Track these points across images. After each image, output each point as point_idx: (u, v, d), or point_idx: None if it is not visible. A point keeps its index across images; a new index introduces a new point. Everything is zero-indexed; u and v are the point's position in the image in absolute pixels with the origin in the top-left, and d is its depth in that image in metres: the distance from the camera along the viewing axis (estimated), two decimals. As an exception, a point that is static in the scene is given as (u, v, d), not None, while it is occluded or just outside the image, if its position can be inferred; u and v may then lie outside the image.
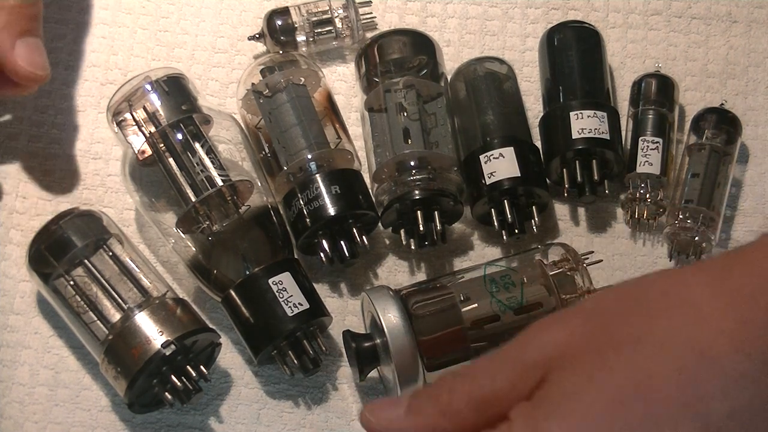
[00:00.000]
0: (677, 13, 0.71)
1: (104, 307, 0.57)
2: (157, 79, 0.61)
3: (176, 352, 0.56)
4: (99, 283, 0.58)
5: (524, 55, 0.70)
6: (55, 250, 0.58)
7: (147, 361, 0.55)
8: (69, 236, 0.58)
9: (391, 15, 0.71)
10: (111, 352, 0.56)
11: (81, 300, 0.58)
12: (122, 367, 0.56)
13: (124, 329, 0.56)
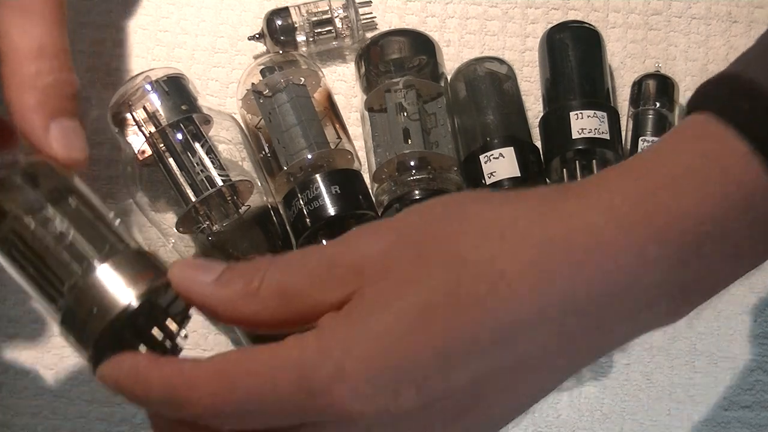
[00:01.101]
0: (677, 13, 0.71)
1: (60, 262, 0.46)
2: (157, 79, 0.61)
3: (145, 308, 0.45)
4: (53, 234, 0.47)
5: (524, 55, 0.70)
6: (6, 196, 0.48)
7: (112, 319, 0.44)
8: (22, 183, 0.48)
9: (391, 15, 0.71)
10: (70, 314, 0.46)
11: (32, 255, 0.47)
12: (83, 331, 0.46)
13: (85, 285, 0.45)
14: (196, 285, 0.42)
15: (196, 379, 0.40)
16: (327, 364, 0.39)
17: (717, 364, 0.63)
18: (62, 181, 0.47)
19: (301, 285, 0.41)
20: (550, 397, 0.62)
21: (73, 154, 0.47)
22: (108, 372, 0.43)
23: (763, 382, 0.63)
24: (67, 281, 0.44)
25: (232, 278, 0.42)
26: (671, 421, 0.62)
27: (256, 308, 0.41)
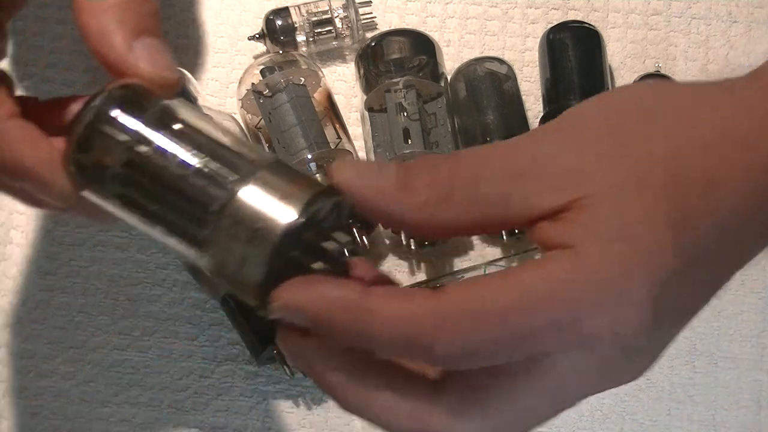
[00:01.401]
0: (677, 13, 0.71)
1: (195, 191, 0.38)
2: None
3: (310, 223, 0.37)
4: (176, 160, 0.39)
5: (524, 55, 0.70)
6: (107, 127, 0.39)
7: (279, 241, 0.36)
8: (122, 110, 0.39)
9: (391, 15, 0.71)
10: (221, 249, 0.37)
11: (156, 189, 0.38)
12: (244, 264, 0.37)
13: (233, 211, 0.37)
14: (377, 192, 0.36)
15: (443, 316, 0.35)
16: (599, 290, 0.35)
17: (717, 364, 0.63)
18: (165, 102, 0.40)
19: (501, 188, 0.36)
20: (550, 397, 0.62)
21: (164, 73, 0.41)
22: (309, 304, 0.36)
23: (763, 382, 0.63)
24: (207, 212, 0.37)
25: (417, 183, 0.36)
26: (671, 421, 0.62)
27: (450, 215, 0.36)
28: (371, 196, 0.36)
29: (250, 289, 0.36)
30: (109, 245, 0.65)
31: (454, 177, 0.36)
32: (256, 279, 0.36)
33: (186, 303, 0.64)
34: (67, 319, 0.64)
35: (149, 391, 0.62)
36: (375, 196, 0.36)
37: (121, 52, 0.40)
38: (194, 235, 0.37)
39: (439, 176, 0.36)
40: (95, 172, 0.39)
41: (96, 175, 0.39)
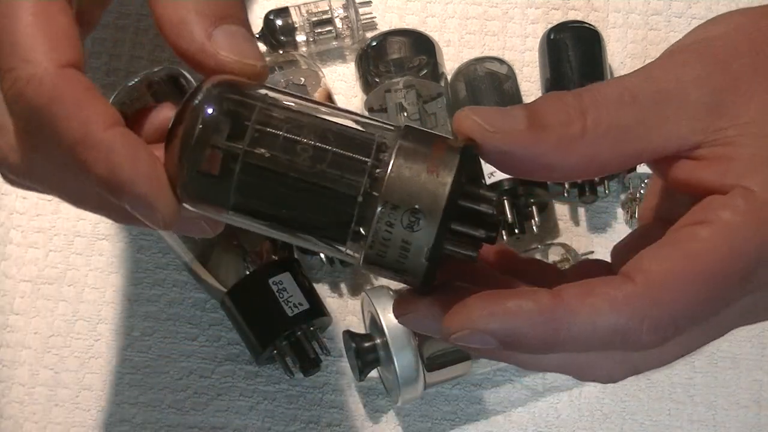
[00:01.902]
0: (677, 13, 0.71)
1: (333, 184, 0.34)
2: (158, 78, 0.61)
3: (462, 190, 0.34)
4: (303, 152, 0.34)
5: (524, 55, 0.70)
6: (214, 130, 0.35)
7: (443, 215, 0.33)
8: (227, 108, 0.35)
9: (391, 15, 0.71)
10: (377, 234, 0.33)
11: (288, 191, 0.34)
12: (408, 246, 0.33)
13: (383, 196, 0.33)
14: (509, 137, 0.34)
15: (646, 305, 0.32)
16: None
17: (717, 364, 0.63)
18: (268, 93, 0.36)
19: (637, 115, 0.34)
20: (550, 397, 0.62)
21: (248, 61, 0.36)
22: (501, 328, 0.32)
23: (763, 382, 0.63)
24: (353, 204, 0.33)
25: (549, 120, 0.34)
26: (671, 421, 0.62)
27: (586, 151, 0.34)
28: (504, 142, 0.33)
29: (417, 275, 0.33)
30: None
31: (586, 109, 0.34)
32: (423, 263, 0.33)
33: (186, 303, 0.64)
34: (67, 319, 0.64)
35: (149, 391, 0.62)
36: (508, 142, 0.33)
37: (200, 41, 0.36)
38: (341, 233, 0.34)
39: (570, 110, 0.34)
40: (206, 183, 0.34)
41: (208, 186, 0.35)
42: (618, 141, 0.34)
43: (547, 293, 0.33)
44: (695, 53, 0.35)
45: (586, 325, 0.32)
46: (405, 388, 0.57)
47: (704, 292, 0.33)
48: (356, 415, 0.62)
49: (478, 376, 0.62)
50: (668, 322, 0.33)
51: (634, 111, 0.34)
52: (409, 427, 0.62)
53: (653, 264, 0.33)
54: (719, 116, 0.34)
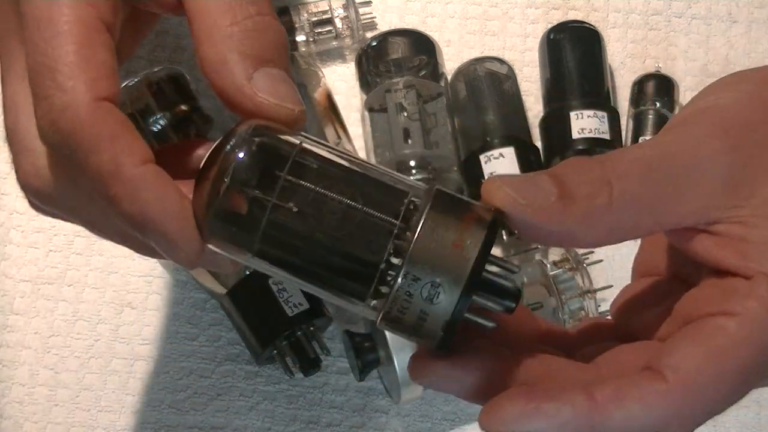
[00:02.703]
0: (677, 13, 0.71)
1: (358, 245, 0.34)
2: (158, 78, 0.61)
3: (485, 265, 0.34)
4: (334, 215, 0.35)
5: (524, 55, 0.70)
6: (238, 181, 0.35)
7: (463, 293, 0.33)
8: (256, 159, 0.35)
9: (391, 15, 0.71)
10: (396, 300, 0.34)
11: (313, 247, 0.35)
12: (424, 316, 0.34)
13: (406, 264, 0.33)
14: (538, 210, 0.34)
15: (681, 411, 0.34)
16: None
17: (717, 364, 0.63)
18: (303, 143, 0.35)
19: (657, 195, 0.34)
20: (550, 397, 0.62)
21: (287, 104, 0.36)
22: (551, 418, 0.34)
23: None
24: (376, 267, 0.34)
25: (576, 192, 0.34)
26: (671, 421, 0.62)
27: (609, 223, 0.34)
28: (535, 216, 0.34)
29: (433, 341, 0.34)
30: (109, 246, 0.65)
31: (610, 181, 0.34)
32: (440, 333, 0.34)
33: (186, 303, 0.64)
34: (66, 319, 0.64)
35: (149, 391, 0.62)
36: (538, 216, 0.34)
37: (239, 83, 0.36)
38: (361, 292, 0.34)
39: (596, 182, 0.34)
40: (232, 229, 0.35)
41: (234, 232, 0.35)
42: (639, 214, 0.34)
43: (581, 394, 0.34)
44: (710, 126, 0.36)
45: (621, 428, 0.34)
46: (405, 388, 0.57)
47: (732, 387, 0.34)
48: (356, 415, 0.62)
49: (478, 376, 0.62)
50: (696, 420, 0.34)
51: (654, 185, 0.34)
52: (409, 427, 0.62)
53: (683, 362, 0.34)
54: (734, 194, 0.35)
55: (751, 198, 0.35)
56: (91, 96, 0.35)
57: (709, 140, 0.35)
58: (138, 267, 0.65)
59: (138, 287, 0.64)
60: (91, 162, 0.35)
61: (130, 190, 0.35)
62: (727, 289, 0.34)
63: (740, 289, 0.34)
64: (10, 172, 0.66)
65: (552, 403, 0.33)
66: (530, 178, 0.35)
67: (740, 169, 0.35)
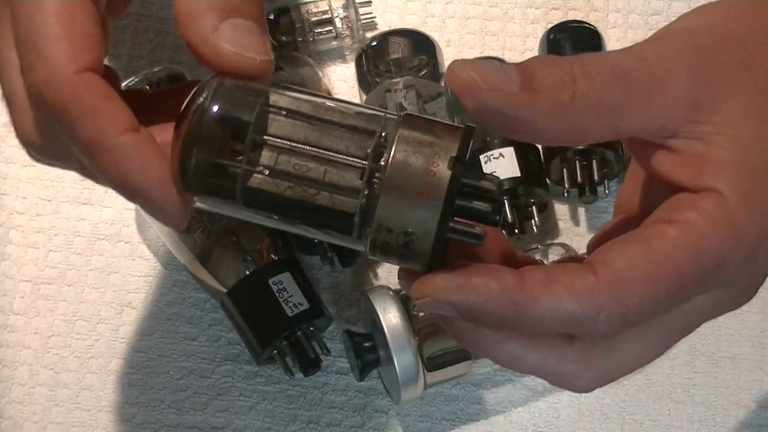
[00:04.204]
0: (678, 13, 0.71)
1: (338, 183, 0.35)
2: (158, 78, 0.61)
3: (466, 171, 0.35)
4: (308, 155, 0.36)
5: (524, 55, 0.70)
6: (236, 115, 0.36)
7: (445, 205, 0.34)
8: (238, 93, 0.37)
9: (391, 15, 0.71)
10: (380, 225, 0.34)
11: (294, 192, 0.35)
12: (412, 234, 0.34)
13: (387, 189, 0.34)
14: (502, 95, 0.34)
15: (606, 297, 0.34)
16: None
17: (717, 364, 0.63)
18: (271, 90, 0.37)
19: (624, 98, 0.35)
20: (550, 397, 0.62)
21: (249, 54, 0.37)
22: (464, 300, 0.34)
23: (763, 382, 0.63)
24: (358, 199, 0.35)
25: (543, 83, 0.34)
26: (671, 421, 0.62)
27: (571, 119, 0.34)
28: (497, 101, 0.34)
29: (420, 260, 0.35)
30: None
31: (576, 78, 0.34)
32: (427, 251, 0.34)
33: (186, 303, 0.64)
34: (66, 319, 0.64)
35: (149, 391, 0.62)
36: (501, 101, 0.34)
37: (205, 33, 0.37)
38: (346, 227, 0.35)
39: (563, 76, 0.34)
40: (213, 184, 0.36)
41: (210, 186, 0.36)
42: (601, 114, 0.35)
43: (512, 275, 0.34)
44: (685, 43, 0.36)
45: (545, 310, 0.34)
46: (405, 388, 0.57)
47: (662, 290, 0.34)
48: (356, 415, 0.62)
49: (478, 376, 0.62)
50: (623, 316, 0.34)
51: (623, 89, 0.34)
52: (409, 427, 0.62)
53: (616, 258, 0.34)
54: (697, 109, 0.35)
55: (714, 115, 0.35)
56: (72, 69, 0.36)
57: (681, 55, 0.35)
58: (138, 267, 0.65)
59: (138, 287, 0.64)
60: (75, 133, 0.36)
61: (111, 159, 0.36)
62: (674, 201, 0.35)
63: (685, 200, 0.34)
64: (9, 173, 0.66)
65: (482, 278, 0.34)
66: (497, 66, 0.35)
67: (706, 87, 0.35)
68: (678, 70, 0.35)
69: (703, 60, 0.35)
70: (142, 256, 0.65)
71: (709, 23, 0.37)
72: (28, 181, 0.66)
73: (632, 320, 0.34)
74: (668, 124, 0.35)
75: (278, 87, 0.37)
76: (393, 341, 0.57)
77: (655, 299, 0.34)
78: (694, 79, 0.35)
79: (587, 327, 0.34)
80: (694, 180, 0.35)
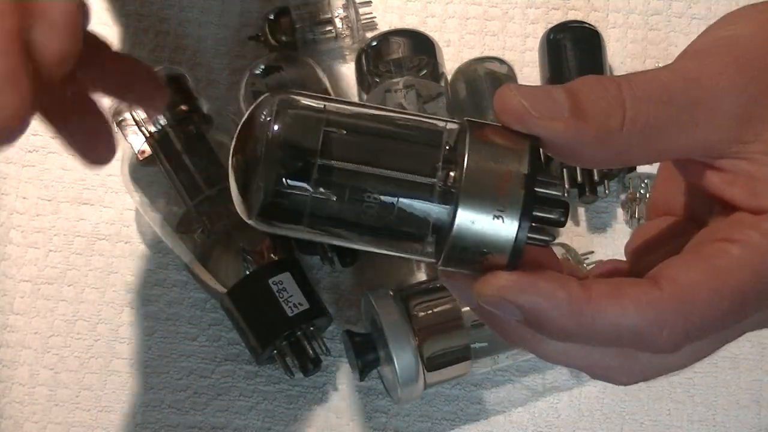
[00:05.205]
0: (677, 13, 0.71)
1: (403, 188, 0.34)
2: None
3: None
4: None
5: (524, 55, 0.70)
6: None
7: (524, 211, 0.33)
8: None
9: (391, 15, 0.71)
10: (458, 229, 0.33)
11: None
12: (487, 246, 0.33)
13: (459, 194, 0.33)
14: (551, 122, 0.33)
15: (667, 318, 0.33)
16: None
17: (717, 364, 0.63)
18: (328, 106, 0.35)
19: (670, 121, 0.34)
20: (550, 397, 0.62)
21: None
22: (530, 303, 0.33)
23: (763, 382, 0.63)
24: (429, 229, 0.34)
25: (591, 110, 0.34)
26: (671, 421, 0.62)
27: (620, 145, 0.34)
28: (546, 129, 0.33)
29: (505, 252, 0.34)
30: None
31: (625, 102, 0.34)
32: (503, 263, 0.34)
33: (186, 303, 0.64)
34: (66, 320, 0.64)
35: (149, 391, 0.62)
36: (550, 129, 0.33)
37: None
38: (418, 247, 0.35)
39: (611, 101, 0.34)
40: (279, 212, 0.35)
41: (279, 214, 0.35)
42: (649, 139, 0.34)
43: (578, 285, 0.33)
44: (729, 57, 0.35)
45: (610, 322, 0.33)
46: (405, 388, 0.57)
47: (726, 308, 0.34)
48: (356, 415, 0.62)
49: (478, 376, 0.62)
50: (686, 333, 0.34)
51: (669, 111, 0.34)
52: (409, 427, 0.62)
53: (681, 274, 0.34)
54: (746, 129, 0.34)
55: (763, 135, 0.34)
56: None
57: (727, 72, 0.35)
58: (138, 267, 0.65)
59: (138, 287, 0.64)
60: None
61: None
62: (734, 220, 0.35)
63: (746, 220, 0.34)
64: (9, 173, 0.66)
65: (549, 283, 0.33)
66: (546, 90, 0.34)
67: (754, 105, 0.35)
68: (725, 87, 0.34)
69: (750, 75, 0.35)
70: (142, 256, 0.65)
71: (751, 34, 0.36)
72: (28, 181, 0.66)
73: (694, 337, 0.34)
74: (716, 145, 0.35)
75: (334, 100, 0.36)
76: (393, 341, 0.57)
77: (719, 317, 0.34)
78: (742, 97, 0.34)
79: (649, 343, 0.33)
80: (750, 201, 0.34)
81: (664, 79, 0.35)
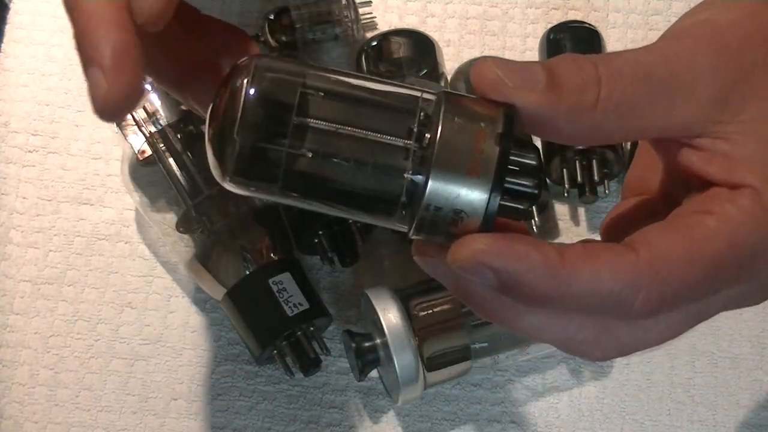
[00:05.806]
0: (677, 13, 0.71)
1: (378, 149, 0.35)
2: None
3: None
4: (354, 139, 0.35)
5: (524, 55, 0.70)
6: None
7: (497, 170, 0.33)
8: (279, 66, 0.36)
9: (391, 15, 0.71)
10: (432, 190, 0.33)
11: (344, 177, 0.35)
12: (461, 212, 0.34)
13: (434, 156, 0.33)
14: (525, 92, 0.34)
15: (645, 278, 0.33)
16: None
17: (717, 364, 0.63)
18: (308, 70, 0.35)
19: (647, 99, 0.35)
20: (550, 397, 0.62)
21: None
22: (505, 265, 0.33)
23: (763, 382, 0.63)
24: (399, 191, 0.34)
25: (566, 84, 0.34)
26: (671, 421, 0.62)
27: (595, 120, 0.34)
28: (521, 100, 0.34)
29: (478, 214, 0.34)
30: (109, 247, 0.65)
31: (600, 79, 0.34)
32: (476, 227, 0.34)
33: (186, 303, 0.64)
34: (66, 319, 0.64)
35: (149, 391, 0.62)
36: (524, 100, 0.34)
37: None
38: (392, 208, 0.35)
39: (586, 78, 0.34)
40: (254, 169, 0.35)
41: (254, 172, 0.35)
42: (625, 116, 0.34)
43: (554, 249, 0.33)
44: (709, 39, 0.36)
45: (585, 286, 0.33)
46: (405, 388, 0.57)
47: (701, 275, 0.34)
48: (356, 415, 0.62)
49: (478, 376, 0.62)
50: (661, 297, 0.34)
51: (646, 90, 0.34)
52: (409, 427, 0.62)
53: (657, 240, 0.34)
54: (723, 110, 0.35)
55: (739, 115, 0.35)
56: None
57: (706, 54, 0.35)
58: (138, 267, 0.65)
59: (138, 287, 0.64)
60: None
61: (84, 18, 0.35)
62: (711, 194, 0.35)
63: (723, 195, 0.35)
64: (9, 173, 0.66)
65: (524, 245, 0.33)
66: (523, 64, 0.34)
67: (731, 86, 0.35)
68: (702, 69, 0.35)
69: (727, 58, 0.35)
70: (142, 256, 0.65)
71: (733, 19, 0.37)
72: (28, 181, 0.66)
73: (668, 303, 0.34)
74: (693, 125, 0.35)
75: (314, 66, 0.36)
76: (393, 341, 0.57)
77: (694, 283, 0.34)
78: (719, 79, 0.35)
79: (624, 307, 0.34)
80: (727, 177, 0.35)
81: (641, 58, 0.35)
